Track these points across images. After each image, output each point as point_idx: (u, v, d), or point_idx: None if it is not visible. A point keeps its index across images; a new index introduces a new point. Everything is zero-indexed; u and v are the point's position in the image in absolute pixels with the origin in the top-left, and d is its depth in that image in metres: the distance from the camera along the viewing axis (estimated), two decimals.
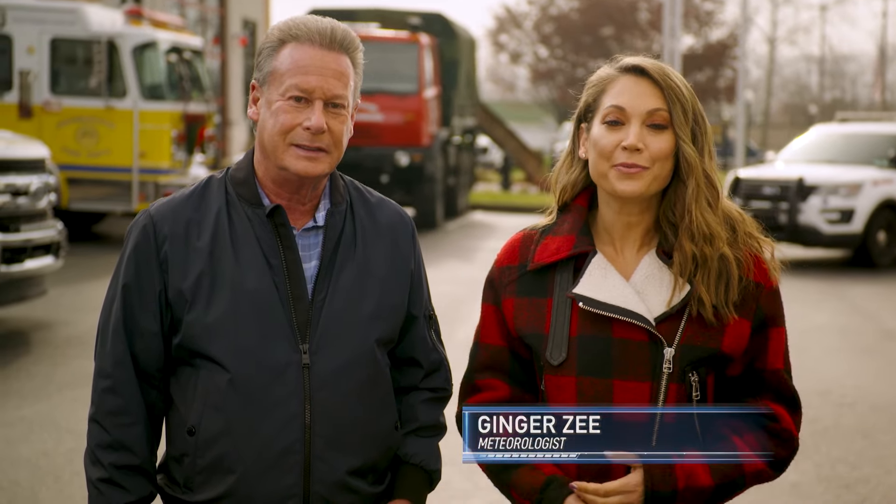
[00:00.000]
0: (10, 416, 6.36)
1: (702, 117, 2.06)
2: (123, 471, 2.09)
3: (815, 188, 14.19)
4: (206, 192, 2.16)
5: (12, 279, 8.03)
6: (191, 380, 2.11)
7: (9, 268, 7.97)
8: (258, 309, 2.09)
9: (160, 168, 13.80)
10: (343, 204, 2.19)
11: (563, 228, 2.11)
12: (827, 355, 8.90)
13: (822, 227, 14.08)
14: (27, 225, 8.27)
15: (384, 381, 2.18)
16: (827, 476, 5.80)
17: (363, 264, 2.17)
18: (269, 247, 2.11)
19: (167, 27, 14.86)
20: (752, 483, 2.09)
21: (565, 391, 2.05)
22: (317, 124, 2.08)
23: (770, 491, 5.51)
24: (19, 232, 8.13)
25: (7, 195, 8.07)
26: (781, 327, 2.11)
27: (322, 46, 2.09)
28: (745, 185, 14.72)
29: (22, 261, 8.11)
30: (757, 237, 2.12)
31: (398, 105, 16.79)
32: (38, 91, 13.71)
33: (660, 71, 2.05)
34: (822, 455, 6.16)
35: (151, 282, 2.11)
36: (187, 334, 2.10)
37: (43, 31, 13.68)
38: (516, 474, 2.05)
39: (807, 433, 6.58)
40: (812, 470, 5.88)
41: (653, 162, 2.03)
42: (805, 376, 8.11)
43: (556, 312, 2.06)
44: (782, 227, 14.15)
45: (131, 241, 2.14)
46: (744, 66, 26.82)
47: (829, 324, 10.32)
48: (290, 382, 2.08)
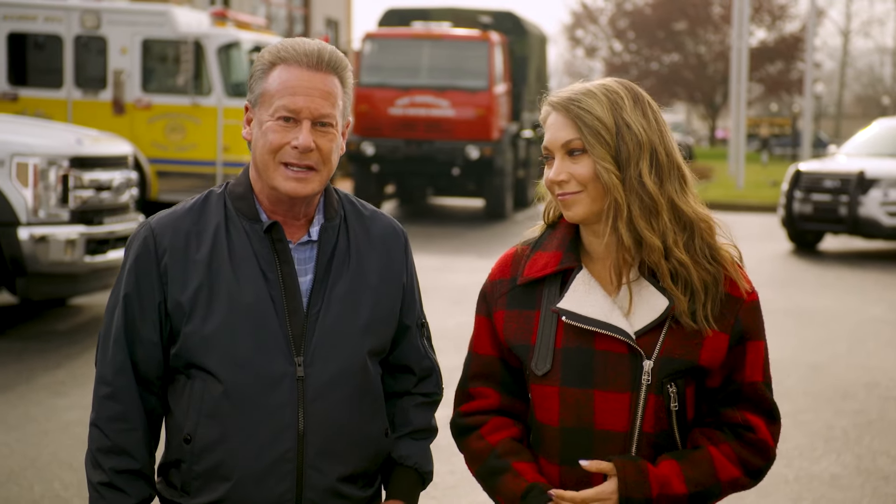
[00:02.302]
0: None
1: (626, 127, 2.03)
2: (124, 475, 2.11)
3: (876, 181, 13.89)
4: (206, 206, 2.17)
5: (96, 269, 8.22)
6: (187, 389, 2.12)
7: (93, 258, 8.16)
8: (255, 322, 2.10)
9: (242, 161, 13.98)
10: (337, 218, 2.19)
11: (551, 245, 2.12)
12: (880, 348, 8.72)
13: (882, 219, 13.78)
14: (110, 218, 8.45)
15: (375, 389, 2.18)
16: (867, 468, 5.69)
17: (357, 277, 2.17)
18: (266, 261, 2.12)
19: (250, 28, 15.05)
20: (728, 491, 2.07)
21: (549, 400, 2.06)
22: (304, 143, 2.09)
23: (808, 483, 5.44)
24: (102, 225, 8.31)
25: (91, 190, 8.25)
26: (760, 341, 2.09)
27: (309, 67, 2.10)
28: (805, 179, 14.46)
29: (105, 252, 8.29)
30: (716, 247, 2.07)
31: (469, 101, 16.79)
32: (131, 89, 13.97)
33: (566, 102, 2.05)
34: (863, 447, 6.05)
35: (151, 292, 2.12)
36: (185, 345, 2.10)
37: (135, 33, 13.93)
38: (501, 481, 2.07)
39: (850, 425, 6.47)
40: (853, 462, 5.78)
41: (583, 185, 2.04)
42: (854, 368, 7.96)
43: (543, 325, 2.07)
44: (842, 220, 13.90)
45: (132, 252, 2.15)
46: (812, 59, 26.27)
47: (884, 316, 10.11)
48: (285, 393, 2.08)
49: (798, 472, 5.61)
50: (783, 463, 5.73)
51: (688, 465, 2.03)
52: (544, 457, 2.08)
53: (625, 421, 2.02)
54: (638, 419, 2.02)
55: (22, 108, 13.69)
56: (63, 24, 13.98)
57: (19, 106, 13.82)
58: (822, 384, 7.47)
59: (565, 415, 2.04)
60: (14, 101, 13.95)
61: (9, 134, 8.27)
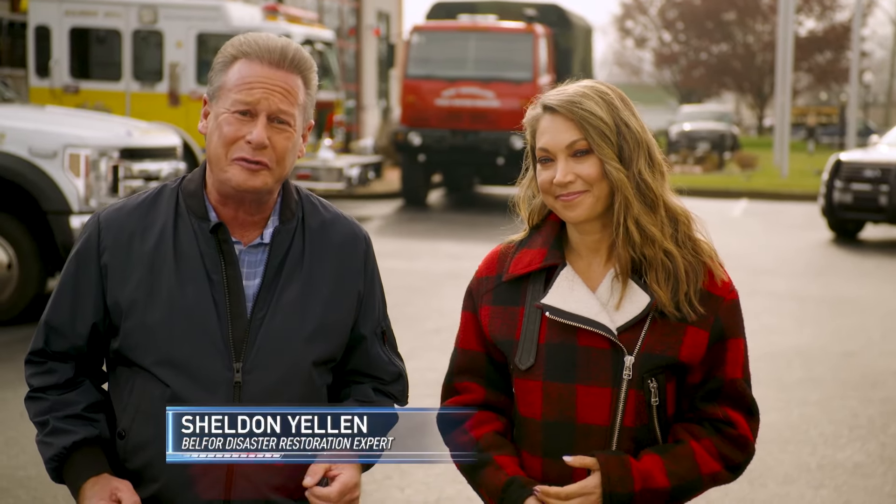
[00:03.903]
0: None
1: (626, 126, 2.03)
2: (68, 419, 2.05)
3: None
4: (157, 202, 2.08)
5: None
6: (126, 385, 2.06)
7: None
8: (194, 323, 2.01)
9: None
10: (293, 221, 2.09)
11: (536, 242, 2.11)
12: None
13: None
14: None
15: (318, 400, 2.08)
16: (890, 456, 5.60)
17: (307, 283, 2.07)
18: (212, 262, 2.03)
19: (300, 22, 15.13)
20: (709, 485, 2.06)
21: (532, 394, 2.05)
22: (257, 138, 1.99)
23: (831, 470, 5.37)
24: None
25: (141, 180, 8.37)
26: (740, 338, 2.07)
27: (271, 64, 2.01)
28: (846, 168, 14.24)
29: None
30: (695, 239, 2.08)
31: (514, 92, 16.72)
32: (186, 81, 14.10)
33: (568, 105, 2.04)
34: (888, 435, 5.95)
35: (88, 286, 2.06)
36: (123, 343, 2.04)
37: (190, 27, 14.06)
38: (482, 475, 2.06)
39: (877, 413, 6.37)
40: (877, 450, 5.69)
41: (589, 185, 2.03)
42: (886, 356, 7.83)
43: (527, 320, 2.06)
44: (882, 209, 13.67)
45: (77, 244, 2.09)
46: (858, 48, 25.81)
47: None
48: (221, 399, 1.99)
49: (821, 460, 5.54)
50: (807, 450, 5.67)
51: (670, 460, 2.01)
52: (527, 450, 2.07)
53: (606, 415, 2.01)
54: (619, 414, 2.01)
55: (83, 101, 13.89)
56: (122, 19, 14.16)
57: (80, 98, 14.03)
58: (852, 372, 7.36)
59: (548, 409, 2.03)
60: (76, 94, 14.16)
61: (62, 126, 8.41)
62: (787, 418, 6.25)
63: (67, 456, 2.05)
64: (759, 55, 48.84)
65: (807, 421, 6.22)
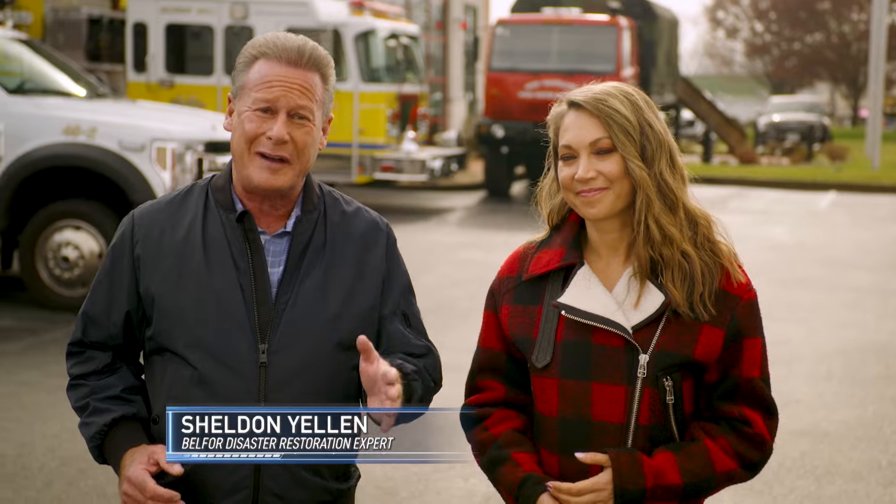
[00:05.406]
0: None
1: (650, 127, 2.04)
2: (107, 400, 2.15)
3: None
4: (188, 198, 2.18)
5: None
6: (159, 371, 2.14)
7: None
8: (221, 308, 2.09)
9: (377, 143, 14.21)
10: (315, 212, 2.17)
11: (555, 242, 2.13)
12: None
13: None
14: None
15: (345, 383, 2.13)
16: None
17: (329, 269, 2.14)
18: (238, 250, 2.11)
19: (386, 16, 15.21)
20: (724, 483, 2.04)
21: (548, 392, 2.05)
22: (277, 134, 2.07)
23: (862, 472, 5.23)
24: None
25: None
26: (758, 338, 2.05)
27: (289, 63, 2.09)
28: None
29: None
30: (715, 241, 2.07)
31: None
32: None
33: (594, 101, 2.04)
34: None
35: (122, 278, 2.16)
36: (156, 329, 2.12)
37: (279, 22, 14.25)
38: (500, 472, 2.07)
39: None
40: None
41: (610, 182, 2.03)
42: None
43: (545, 319, 2.07)
44: None
45: (114, 239, 2.20)
46: None
47: None
48: (248, 380, 2.07)
49: (893, 458, 5.40)
50: (879, 448, 5.53)
51: (683, 457, 2.00)
52: (545, 447, 2.08)
53: (621, 413, 2.01)
54: (634, 412, 2.01)
55: (177, 95, 14.21)
56: (214, 15, 14.44)
57: (175, 92, 14.35)
58: None
59: (564, 406, 2.04)
60: (171, 88, 14.48)
61: (149, 121, 8.62)
62: (861, 415, 6.11)
63: (107, 433, 2.13)
64: (854, 45, 47.53)
65: (881, 418, 6.07)
